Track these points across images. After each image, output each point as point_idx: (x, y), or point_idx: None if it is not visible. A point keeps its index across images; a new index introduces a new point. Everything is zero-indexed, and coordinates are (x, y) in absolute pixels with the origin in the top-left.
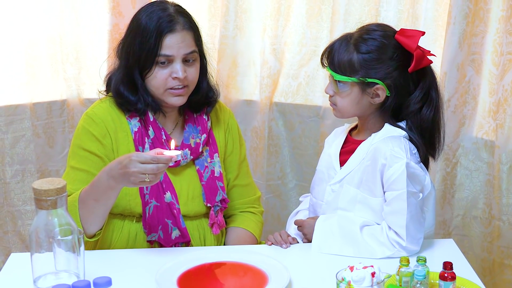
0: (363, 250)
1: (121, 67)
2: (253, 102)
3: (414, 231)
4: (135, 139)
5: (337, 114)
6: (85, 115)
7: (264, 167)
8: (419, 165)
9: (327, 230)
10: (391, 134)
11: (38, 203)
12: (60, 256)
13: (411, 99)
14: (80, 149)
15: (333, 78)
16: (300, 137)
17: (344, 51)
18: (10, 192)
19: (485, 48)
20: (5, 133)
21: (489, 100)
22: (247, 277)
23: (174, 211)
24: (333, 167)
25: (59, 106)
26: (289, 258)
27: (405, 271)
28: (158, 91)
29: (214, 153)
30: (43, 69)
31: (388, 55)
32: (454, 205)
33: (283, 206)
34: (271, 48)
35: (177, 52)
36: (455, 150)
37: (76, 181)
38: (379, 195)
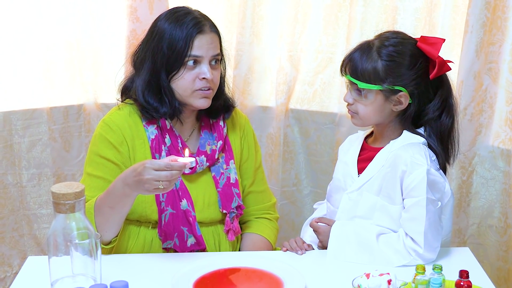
0: (378, 258)
1: (145, 72)
2: (269, 109)
3: (432, 239)
4: (152, 147)
5: (357, 123)
6: (102, 122)
7: (279, 174)
8: (438, 172)
9: (343, 237)
10: (410, 141)
11: (57, 207)
12: (77, 260)
13: (430, 106)
14: (97, 156)
15: (353, 86)
16: (315, 144)
17: (367, 59)
18: (26, 195)
19: (502, 57)
20: (22, 137)
21: (505, 109)
22: (262, 283)
23: (189, 218)
24: (351, 175)
25: (75, 111)
26: (305, 264)
27: (421, 279)
28: (185, 93)
29: (230, 159)
30: (60, 73)
31: (412, 62)
32: (470, 214)
33: (298, 212)
34: (288, 54)
35: (206, 53)
36: (471, 159)
37: (92, 188)
38: (398, 203)
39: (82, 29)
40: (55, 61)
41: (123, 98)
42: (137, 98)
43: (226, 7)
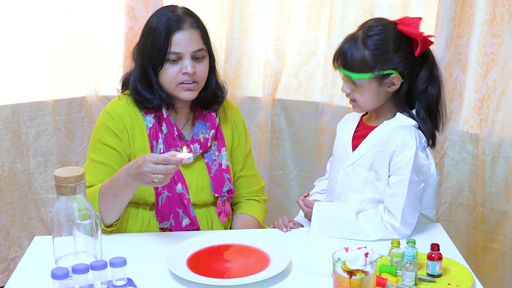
0: (358, 233)
1: (137, 67)
2: (257, 99)
3: (409, 215)
4: (150, 134)
5: (358, 110)
6: (104, 111)
7: (267, 159)
8: (425, 152)
9: (324, 215)
10: (402, 124)
11: (59, 189)
12: (79, 239)
13: (418, 80)
14: (100, 143)
15: (347, 78)
16: (300, 131)
17: (355, 50)
18: (33, 182)
19: (470, 49)
20: (29, 128)
21: (473, 97)
22: (251, 258)
23: (184, 201)
24: (346, 151)
25: (78, 103)
26: (291, 241)
27: (396, 252)
28: (170, 86)
29: (222, 147)
30: (63, 68)
31: (396, 45)
32: (442, 193)
33: (285, 194)
34: (274, 49)
35: (185, 49)
36: (443, 143)
37: (96, 173)
38: (384, 179)
39: (84, 27)
40: (58, 57)
41: (123, 89)
42: (131, 93)
43: (216, 5)
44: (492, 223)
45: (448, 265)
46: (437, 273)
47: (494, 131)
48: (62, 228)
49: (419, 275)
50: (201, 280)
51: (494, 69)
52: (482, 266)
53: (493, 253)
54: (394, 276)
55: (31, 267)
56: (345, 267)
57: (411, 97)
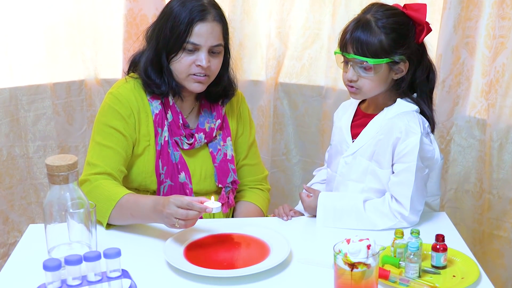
0: (365, 223)
1: (151, 49)
2: (259, 83)
3: (417, 203)
4: (155, 121)
5: (359, 97)
6: (110, 94)
7: (269, 144)
8: (429, 138)
9: (329, 205)
10: (404, 110)
11: (51, 178)
12: (73, 228)
13: (419, 69)
14: (106, 126)
15: (358, 64)
16: (303, 115)
17: (371, 35)
18: (33, 166)
19: (478, 32)
20: (27, 111)
21: (481, 81)
22: (250, 248)
23: (186, 190)
24: (345, 140)
25: (77, 86)
26: (291, 230)
27: (400, 243)
28: (181, 75)
29: (227, 137)
30: (62, 51)
31: (409, 30)
32: (448, 179)
33: (287, 180)
34: (277, 31)
35: (204, 42)
36: (449, 128)
37: (102, 157)
38: (387, 167)
39: (82, 9)
40: (57, 39)
41: (130, 70)
42: (140, 74)
43: None
44: (499, 210)
45: (453, 256)
46: (442, 265)
47: (502, 116)
48: (55, 218)
49: (423, 267)
50: (199, 271)
51: (503, 53)
52: (488, 254)
53: (499, 240)
54: (397, 268)
55: (24, 257)
56: (346, 260)
57: (411, 84)
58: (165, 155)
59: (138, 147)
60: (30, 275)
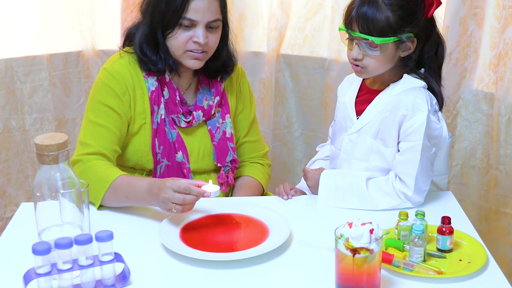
0: (368, 202)
1: (146, 25)
2: (261, 54)
3: (422, 183)
4: (151, 98)
5: (365, 75)
6: (104, 70)
7: (271, 117)
8: (437, 116)
9: (332, 183)
10: (411, 86)
11: (40, 158)
12: (64, 209)
13: (428, 44)
14: (100, 103)
15: (363, 42)
16: (305, 88)
17: (377, 12)
18: (29, 139)
19: (487, 2)
20: (23, 83)
21: (489, 54)
22: (248, 230)
23: (184, 170)
24: (350, 116)
25: (74, 57)
26: (292, 210)
27: (404, 225)
28: (178, 52)
29: (226, 114)
30: (58, 21)
31: (416, 5)
32: (454, 155)
33: (289, 154)
34: (278, 1)
35: (201, 18)
36: (456, 102)
37: (96, 136)
38: (392, 146)
39: None
40: (53, 9)
41: (125, 44)
42: (135, 51)
43: None
44: (506, 187)
45: (459, 239)
46: (448, 248)
47: (511, 90)
48: (45, 199)
49: (428, 250)
50: (195, 254)
51: None
52: (495, 232)
53: (506, 218)
54: (401, 251)
55: (14, 239)
56: (348, 245)
57: (419, 59)
58: (161, 133)
59: (134, 125)
60: (20, 258)
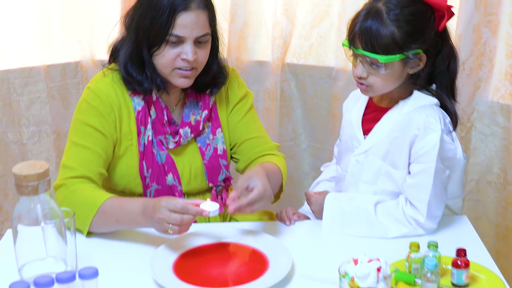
0: (377, 229)
1: (130, 41)
2: (265, 63)
3: (435, 208)
4: (137, 118)
5: (370, 94)
6: (88, 89)
7: (276, 129)
8: (450, 136)
9: (337, 208)
10: (422, 103)
11: (19, 189)
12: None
13: (439, 58)
14: (84, 124)
15: (367, 59)
16: (312, 98)
17: (382, 27)
18: (27, 153)
19: (502, 9)
20: (20, 95)
21: (505, 63)
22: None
23: (175, 193)
24: (356, 136)
25: (73, 68)
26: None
27: (415, 257)
28: (165, 70)
29: (217, 128)
30: (56, 31)
31: (426, 20)
32: (469, 170)
33: (296, 167)
34: (283, 8)
35: (189, 34)
36: (470, 114)
37: (80, 159)
38: (402, 168)
39: None
40: (50, 18)
41: (111, 59)
42: (120, 70)
43: None
44: None
45: (476, 272)
46: (464, 283)
47: None
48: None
49: (442, 285)
50: None
51: None
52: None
53: None
54: (412, 286)
55: None
56: (353, 284)
57: (430, 76)
58: (149, 156)
59: (120, 147)
60: None
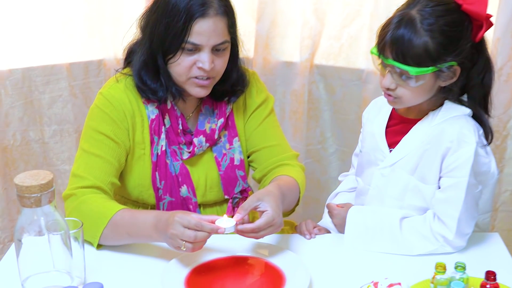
0: (401, 246)
1: (144, 47)
2: (293, 64)
3: (465, 225)
4: (151, 127)
5: (398, 106)
6: (100, 95)
7: (303, 132)
8: (485, 149)
9: (360, 222)
10: (454, 113)
11: (21, 201)
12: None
13: (474, 71)
14: (95, 132)
15: (396, 70)
16: (341, 101)
17: (414, 38)
18: (49, 151)
19: None
20: (42, 93)
21: None
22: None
23: (190, 206)
24: (380, 149)
25: (95, 66)
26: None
27: (441, 279)
28: (181, 78)
29: (234, 137)
30: (79, 28)
31: (463, 31)
32: (503, 180)
33: (323, 171)
34: (313, 7)
35: (206, 42)
36: (506, 122)
37: (90, 168)
38: (432, 182)
39: None
40: (73, 16)
41: (125, 63)
42: (133, 78)
43: None
44: None
45: None
46: None
47: None
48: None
49: None
50: None
51: None
52: None
53: None
54: None
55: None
56: None
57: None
58: (162, 167)
59: (133, 156)
60: None
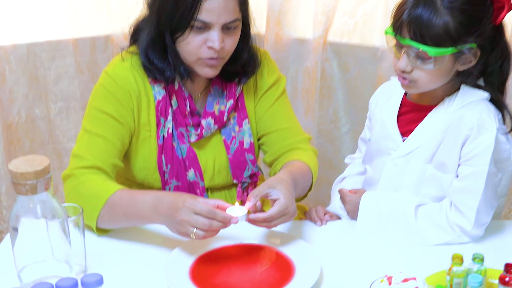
0: (416, 235)
1: (151, 25)
2: (306, 41)
3: (484, 215)
4: (158, 109)
5: (413, 90)
6: (105, 73)
7: (316, 111)
8: (506, 136)
9: (374, 209)
10: (472, 98)
11: (16, 188)
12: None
13: (493, 56)
14: (98, 111)
15: (413, 50)
16: (355, 79)
17: (434, 17)
18: (55, 129)
19: None
20: (47, 70)
21: None
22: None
23: (197, 190)
24: (392, 138)
25: (103, 42)
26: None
27: (458, 271)
28: (190, 58)
29: (244, 119)
30: (85, 3)
31: (483, 11)
32: None
33: (336, 151)
34: None
35: (217, 19)
36: None
37: (91, 148)
38: (452, 171)
39: None
40: None
41: (132, 41)
42: (140, 57)
43: None
44: None
45: None
46: None
47: None
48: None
49: None
50: None
51: None
52: None
53: None
54: None
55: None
56: None
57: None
58: (168, 150)
59: (138, 138)
60: None
